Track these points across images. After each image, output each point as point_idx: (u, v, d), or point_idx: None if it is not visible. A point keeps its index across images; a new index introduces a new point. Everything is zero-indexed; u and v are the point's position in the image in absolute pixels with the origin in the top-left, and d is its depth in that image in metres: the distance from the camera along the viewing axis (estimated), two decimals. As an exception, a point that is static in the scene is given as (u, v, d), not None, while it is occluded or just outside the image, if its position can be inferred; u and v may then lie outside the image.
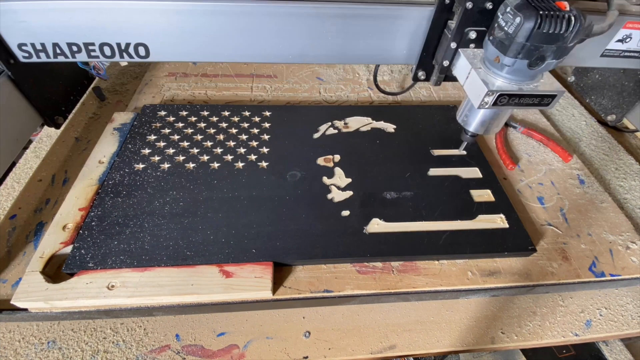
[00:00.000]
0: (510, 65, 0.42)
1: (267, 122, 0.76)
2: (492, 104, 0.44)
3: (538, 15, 0.37)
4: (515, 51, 0.40)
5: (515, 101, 0.44)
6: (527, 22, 0.38)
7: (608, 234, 0.64)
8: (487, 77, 0.44)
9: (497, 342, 0.52)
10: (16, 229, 0.60)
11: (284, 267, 0.55)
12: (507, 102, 0.44)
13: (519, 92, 0.43)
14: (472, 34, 0.47)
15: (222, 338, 0.51)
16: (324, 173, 0.67)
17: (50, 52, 0.48)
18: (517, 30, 0.39)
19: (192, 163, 0.66)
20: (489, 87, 0.43)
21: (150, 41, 0.48)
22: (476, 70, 0.46)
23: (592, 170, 0.78)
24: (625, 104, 0.75)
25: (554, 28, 0.38)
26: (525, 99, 0.44)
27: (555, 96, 0.44)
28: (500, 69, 0.44)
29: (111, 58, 0.49)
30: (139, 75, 0.94)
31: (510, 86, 0.43)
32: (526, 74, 0.43)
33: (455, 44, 0.47)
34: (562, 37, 0.38)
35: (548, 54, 0.40)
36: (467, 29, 0.46)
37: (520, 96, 0.44)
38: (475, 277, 0.55)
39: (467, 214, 0.61)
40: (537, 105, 0.45)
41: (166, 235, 0.55)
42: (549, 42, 0.39)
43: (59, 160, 0.71)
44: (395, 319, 0.54)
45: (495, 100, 0.44)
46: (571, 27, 0.38)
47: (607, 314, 0.56)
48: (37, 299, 0.48)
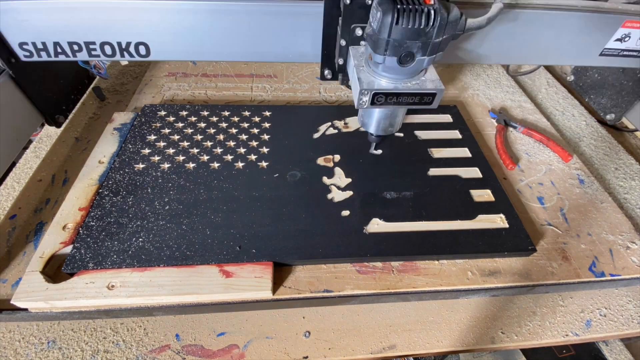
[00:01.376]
0: (381, 63, 0.41)
1: (267, 122, 0.76)
2: (370, 103, 0.43)
3: (395, 10, 0.36)
4: (382, 47, 0.39)
5: (394, 100, 0.43)
6: (385, 17, 0.37)
7: (608, 234, 0.64)
8: (366, 75, 0.43)
9: (497, 342, 0.52)
10: (16, 229, 0.60)
11: (284, 267, 0.55)
12: (384, 101, 0.43)
13: (394, 90, 0.42)
14: (358, 31, 0.45)
15: (222, 338, 0.51)
16: (324, 173, 0.67)
17: (51, 51, 0.48)
18: (379, 25, 0.38)
19: (192, 163, 0.66)
20: (363, 85, 0.42)
21: (150, 40, 0.48)
22: (358, 68, 0.44)
23: (592, 170, 0.78)
24: (624, 103, 0.75)
25: (412, 23, 0.36)
26: (404, 97, 0.42)
27: (435, 94, 0.42)
28: (377, 67, 0.42)
29: (112, 57, 0.50)
30: (139, 75, 0.94)
31: (386, 85, 0.42)
32: (402, 72, 0.41)
33: (345, 42, 0.46)
34: (424, 32, 0.37)
35: (415, 50, 0.39)
36: (352, 25, 0.45)
37: (397, 95, 0.42)
38: (475, 277, 0.55)
39: (467, 214, 0.61)
40: (419, 104, 0.43)
41: (166, 235, 0.55)
42: (412, 37, 0.37)
43: (59, 160, 0.71)
44: (395, 319, 0.54)
45: (372, 99, 0.42)
46: (431, 21, 0.36)
47: (607, 313, 0.56)
48: (37, 299, 0.48)
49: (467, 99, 0.92)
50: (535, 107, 0.91)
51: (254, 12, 0.47)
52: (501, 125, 0.82)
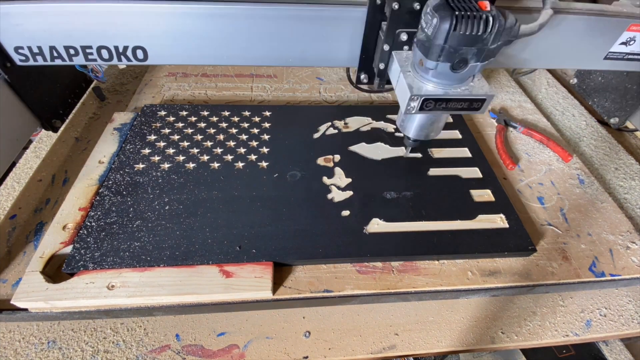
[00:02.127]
0: (433, 69, 0.40)
1: (267, 122, 0.76)
2: (419, 109, 0.42)
3: (454, 16, 0.36)
4: (436, 54, 0.39)
5: (443, 106, 0.42)
6: (442, 23, 0.36)
7: (608, 234, 0.64)
8: (414, 81, 0.43)
9: (497, 342, 0.52)
10: (16, 229, 0.60)
11: (284, 267, 0.55)
12: (434, 107, 0.42)
13: (444, 96, 0.41)
14: (403, 36, 0.45)
15: (222, 338, 0.51)
16: (324, 173, 0.67)
17: (47, 55, 0.48)
18: (435, 31, 0.37)
19: (192, 163, 0.66)
20: (413, 91, 0.41)
21: (148, 44, 0.48)
22: (404, 73, 0.44)
23: (592, 170, 0.78)
24: (628, 107, 0.75)
25: (470, 29, 0.36)
26: (453, 103, 0.42)
27: (484, 100, 0.42)
28: (426, 73, 0.42)
29: (109, 61, 0.49)
30: (138, 75, 0.94)
31: (435, 90, 0.42)
32: (453, 77, 0.41)
33: (388, 47, 0.46)
34: (481, 39, 0.37)
35: (469, 56, 0.38)
36: (397, 30, 0.44)
37: (447, 100, 0.42)
38: (475, 277, 0.55)
39: (467, 214, 0.61)
40: (467, 110, 0.43)
41: (166, 235, 0.55)
42: (468, 44, 0.37)
43: (59, 160, 0.71)
44: (395, 319, 0.54)
45: (421, 105, 0.42)
46: (489, 28, 0.36)
47: (607, 313, 0.56)
48: (37, 299, 0.48)
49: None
50: (535, 107, 0.91)
51: (263, 16, 0.47)
52: (501, 125, 0.82)
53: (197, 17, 0.46)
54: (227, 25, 0.47)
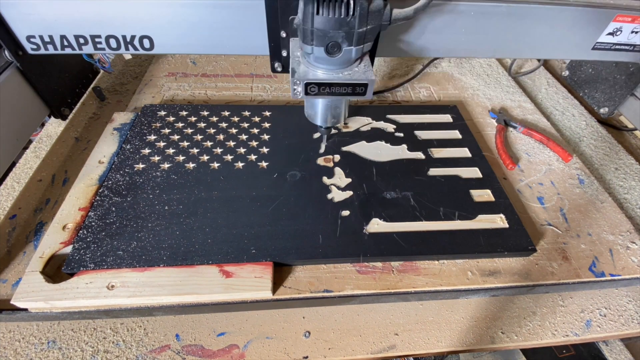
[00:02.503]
0: (310, 53, 0.41)
1: (267, 122, 0.76)
2: (305, 93, 0.43)
3: (315, 0, 0.37)
4: (308, 38, 0.40)
5: (327, 90, 0.43)
6: (306, 7, 0.37)
7: (608, 234, 0.64)
8: (300, 66, 0.44)
9: (497, 342, 0.52)
10: (16, 229, 0.60)
11: (284, 267, 0.55)
12: (318, 91, 0.43)
13: (326, 80, 0.42)
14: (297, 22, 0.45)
15: (222, 338, 0.51)
16: (324, 173, 0.67)
17: (57, 44, 0.49)
18: (303, 15, 0.38)
19: (192, 163, 0.66)
20: (296, 75, 0.42)
21: (154, 33, 0.49)
22: (293, 60, 0.45)
23: (592, 170, 0.78)
24: (617, 97, 0.76)
25: (332, 12, 0.37)
26: (337, 87, 0.43)
27: (367, 85, 0.43)
28: (309, 58, 0.43)
29: (117, 50, 0.50)
30: (139, 75, 0.94)
31: (317, 75, 0.43)
32: (334, 62, 0.42)
33: (285, 33, 0.46)
34: (346, 22, 0.38)
35: (339, 40, 0.39)
36: (290, 17, 0.45)
37: (329, 85, 0.43)
38: (475, 277, 0.55)
39: (467, 214, 0.61)
40: (353, 94, 0.44)
41: (166, 235, 0.55)
42: (335, 27, 0.38)
43: (59, 160, 0.71)
44: (395, 319, 0.54)
45: (305, 89, 0.43)
46: (351, 10, 0.37)
47: (607, 313, 0.56)
48: (37, 299, 0.48)
49: (467, 99, 0.92)
50: (535, 107, 0.91)
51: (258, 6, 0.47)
52: (501, 125, 0.82)
53: (203, 7, 0.47)
54: (235, 14, 0.48)
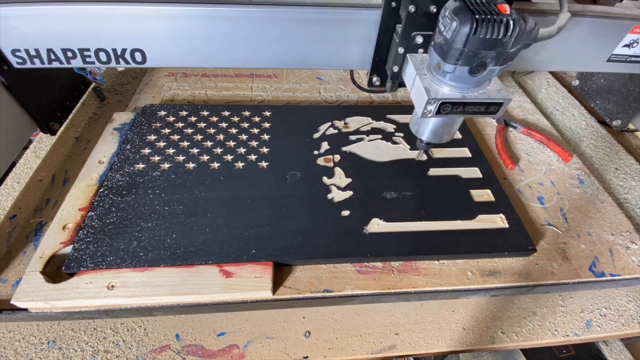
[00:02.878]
0: (451, 72, 0.40)
1: (267, 122, 0.76)
2: (436, 113, 0.42)
3: (474, 20, 0.35)
4: (454, 57, 0.39)
5: (460, 109, 0.42)
6: (462, 27, 0.36)
7: (608, 234, 0.64)
8: (431, 84, 0.43)
9: (497, 342, 0.52)
10: (16, 229, 0.60)
11: (284, 267, 0.55)
12: (450, 110, 0.42)
13: (462, 100, 0.41)
14: (419, 39, 0.45)
15: (222, 338, 0.51)
16: (324, 173, 0.66)
17: (44, 58, 0.47)
18: (454, 35, 0.37)
19: (192, 163, 0.66)
20: (430, 95, 0.41)
21: (146, 47, 0.47)
22: (420, 76, 0.43)
23: (592, 170, 0.78)
24: (630, 109, 0.74)
25: (491, 33, 0.36)
26: (470, 107, 0.42)
27: (502, 104, 0.42)
28: (443, 76, 0.42)
29: (107, 64, 0.48)
30: (139, 75, 0.94)
31: (452, 94, 0.42)
32: (470, 81, 0.41)
33: (403, 49, 0.46)
34: (501, 43, 0.37)
35: (488, 60, 0.38)
36: (413, 33, 0.44)
37: (464, 104, 0.42)
38: (475, 277, 0.55)
39: (467, 214, 0.61)
40: (484, 114, 0.43)
41: (166, 235, 0.55)
42: (488, 47, 0.37)
43: (59, 160, 0.71)
44: (395, 319, 0.54)
45: (439, 108, 0.42)
46: (510, 32, 0.36)
47: (607, 313, 0.56)
48: (37, 299, 0.48)
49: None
50: (535, 107, 0.91)
51: (264, 19, 0.46)
52: (501, 125, 0.82)
53: (196, 19, 0.46)
54: (228, 27, 0.47)
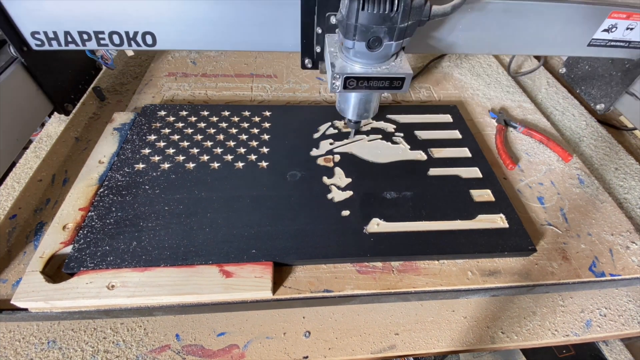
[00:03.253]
0: (351, 48, 0.42)
1: (267, 122, 0.76)
2: (342, 87, 0.44)
3: None
4: (350, 33, 0.41)
5: (365, 84, 0.44)
6: (351, 3, 0.39)
7: (608, 234, 0.64)
8: (338, 60, 0.45)
9: (497, 342, 0.52)
10: (16, 229, 0.60)
11: (284, 267, 0.55)
12: (356, 85, 0.44)
13: (364, 74, 0.44)
14: (333, 19, 0.47)
15: (222, 338, 0.51)
16: (324, 173, 0.67)
17: (62, 40, 0.50)
18: (347, 11, 0.40)
19: (192, 163, 0.66)
20: (335, 70, 0.43)
21: (157, 30, 0.50)
22: (331, 55, 0.46)
23: (592, 170, 0.78)
24: (613, 93, 0.78)
25: (377, 8, 0.38)
26: (375, 81, 0.44)
27: (404, 78, 0.44)
28: (348, 53, 0.44)
29: (120, 46, 0.51)
30: (139, 75, 0.94)
31: (355, 69, 0.44)
32: (373, 57, 0.43)
33: (321, 30, 0.48)
34: (389, 18, 0.39)
35: (381, 35, 0.40)
36: (327, 13, 0.46)
37: (368, 79, 0.44)
38: (475, 277, 0.55)
39: (467, 214, 0.61)
40: (390, 89, 0.45)
41: (166, 235, 0.55)
42: (378, 22, 0.39)
43: (59, 160, 0.71)
44: (395, 319, 0.54)
45: (344, 83, 0.44)
46: (395, 7, 0.38)
47: (607, 313, 0.56)
48: (37, 299, 0.48)
49: (467, 99, 0.92)
50: (535, 107, 0.91)
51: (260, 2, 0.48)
52: (501, 125, 0.82)
53: (206, 2, 0.47)
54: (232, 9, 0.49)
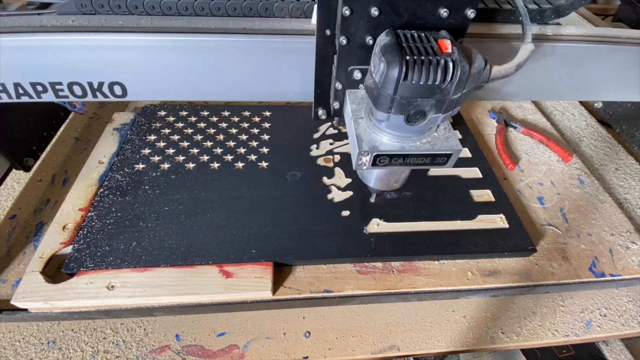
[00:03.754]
0: (385, 120, 0.33)
1: (267, 122, 0.76)
2: (371, 165, 0.36)
3: (403, 62, 0.28)
4: (385, 105, 0.31)
5: (400, 161, 0.36)
6: (390, 71, 0.29)
7: (608, 234, 0.64)
8: (366, 131, 0.36)
9: (497, 342, 0.52)
10: (16, 229, 0.60)
11: (284, 267, 0.55)
12: (389, 162, 0.36)
13: (400, 151, 0.35)
14: (357, 74, 0.38)
15: (222, 338, 0.51)
16: (324, 173, 0.66)
17: (12, 92, 0.41)
18: (382, 79, 0.30)
19: (192, 163, 0.66)
20: (363, 146, 0.35)
21: (127, 80, 0.41)
22: (355, 121, 0.37)
23: (592, 170, 0.78)
24: None
25: (425, 78, 0.29)
26: (412, 158, 0.36)
27: (450, 155, 0.36)
28: (378, 123, 0.35)
29: (83, 98, 0.42)
30: (138, 75, 0.94)
31: (390, 144, 0.35)
32: (410, 129, 0.34)
33: (341, 85, 0.39)
34: (439, 89, 0.30)
35: (427, 108, 0.31)
36: (350, 67, 0.37)
37: (404, 156, 0.36)
38: (475, 277, 0.55)
39: (467, 214, 0.61)
40: (430, 165, 0.37)
41: (166, 236, 0.55)
42: (424, 95, 0.30)
43: (59, 160, 0.71)
44: (396, 319, 0.54)
45: (374, 160, 0.36)
46: (449, 76, 0.29)
47: (607, 314, 0.56)
48: (37, 299, 0.48)
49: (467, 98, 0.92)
50: (535, 107, 0.91)
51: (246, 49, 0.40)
52: (501, 125, 0.82)
53: (183, 50, 0.40)
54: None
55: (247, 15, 0.40)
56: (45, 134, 0.65)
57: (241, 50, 0.40)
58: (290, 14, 0.40)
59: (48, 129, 0.66)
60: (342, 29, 0.34)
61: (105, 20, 0.38)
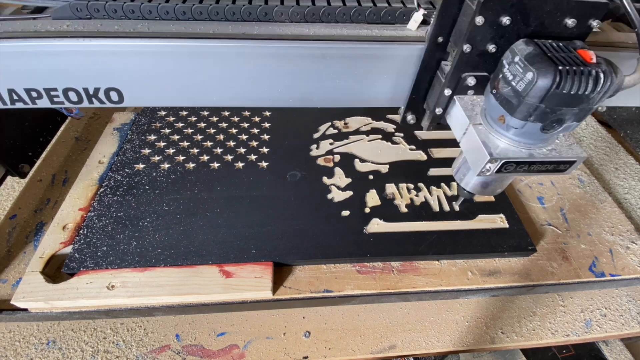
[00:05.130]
0: (519, 128, 0.34)
1: (267, 122, 0.76)
2: (496, 171, 0.36)
3: (557, 73, 0.29)
4: (526, 113, 0.32)
5: (524, 168, 0.36)
6: (542, 80, 0.29)
7: (608, 234, 0.64)
8: (489, 137, 0.36)
9: (497, 342, 0.52)
10: (16, 229, 0.60)
11: (284, 267, 0.55)
12: (514, 169, 0.36)
13: (529, 158, 0.35)
14: (470, 80, 0.38)
15: (222, 338, 0.51)
16: (324, 173, 0.66)
17: (6, 98, 0.41)
18: (529, 88, 0.30)
19: (192, 163, 0.66)
20: (493, 153, 0.35)
21: (123, 86, 0.41)
22: (475, 127, 0.37)
23: (592, 170, 0.78)
24: None
25: (577, 88, 0.29)
26: (537, 165, 0.36)
27: (574, 162, 0.36)
28: (506, 130, 0.35)
29: (78, 103, 0.42)
30: (139, 75, 0.94)
31: (518, 151, 0.35)
32: (538, 137, 0.35)
33: (450, 91, 0.40)
34: (587, 98, 0.30)
35: (568, 116, 0.32)
36: (464, 74, 0.38)
37: (530, 163, 0.36)
38: (475, 277, 0.55)
39: (467, 214, 0.61)
40: (551, 172, 0.37)
41: (166, 235, 0.55)
42: (570, 104, 0.31)
43: (59, 160, 0.71)
44: (395, 319, 0.54)
45: (500, 167, 0.36)
46: (599, 86, 0.30)
47: (607, 313, 0.56)
48: (37, 299, 0.48)
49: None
50: (535, 107, 0.91)
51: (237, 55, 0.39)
52: (501, 125, 0.82)
53: (182, 56, 0.39)
54: (223, 64, 0.40)
55: (246, 19, 0.39)
56: (41, 139, 0.64)
57: (240, 55, 0.39)
58: (290, 19, 0.39)
59: (44, 134, 0.65)
60: (469, 37, 0.35)
61: (101, 24, 0.37)
